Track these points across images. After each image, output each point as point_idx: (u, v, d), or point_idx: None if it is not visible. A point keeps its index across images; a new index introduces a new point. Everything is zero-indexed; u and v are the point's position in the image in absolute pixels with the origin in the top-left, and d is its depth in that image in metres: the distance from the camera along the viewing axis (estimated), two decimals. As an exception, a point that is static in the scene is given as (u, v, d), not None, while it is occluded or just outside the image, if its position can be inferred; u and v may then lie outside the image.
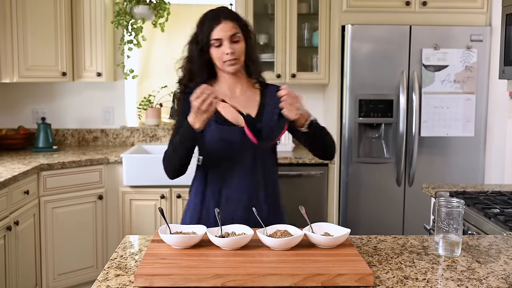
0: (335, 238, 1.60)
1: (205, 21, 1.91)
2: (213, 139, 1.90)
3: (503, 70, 2.55)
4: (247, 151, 1.91)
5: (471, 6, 3.65)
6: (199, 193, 1.98)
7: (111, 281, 1.44)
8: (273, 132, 1.89)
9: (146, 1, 3.91)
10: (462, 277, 1.48)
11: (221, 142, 1.90)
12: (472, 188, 2.72)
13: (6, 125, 4.15)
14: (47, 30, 3.70)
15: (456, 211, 1.63)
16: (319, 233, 1.66)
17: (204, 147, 1.94)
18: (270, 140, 1.91)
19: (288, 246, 1.58)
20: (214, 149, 1.92)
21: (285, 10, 3.89)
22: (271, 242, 1.58)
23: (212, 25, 1.88)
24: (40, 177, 3.36)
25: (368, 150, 3.67)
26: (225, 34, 1.87)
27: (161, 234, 1.61)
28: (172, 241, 1.59)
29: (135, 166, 3.59)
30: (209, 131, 1.90)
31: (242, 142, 1.89)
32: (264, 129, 1.90)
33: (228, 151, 1.91)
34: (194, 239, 1.60)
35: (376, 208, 3.67)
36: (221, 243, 1.58)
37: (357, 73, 3.58)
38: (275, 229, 1.68)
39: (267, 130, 1.91)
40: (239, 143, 1.89)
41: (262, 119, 1.93)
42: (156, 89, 4.35)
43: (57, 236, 3.43)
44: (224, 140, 1.90)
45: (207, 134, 1.90)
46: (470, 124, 3.64)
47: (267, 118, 1.93)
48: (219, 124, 1.90)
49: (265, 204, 1.95)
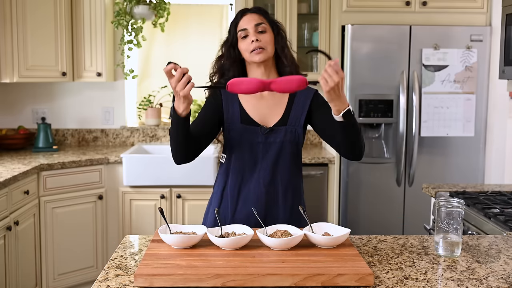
0: (335, 238, 1.60)
1: (234, 19, 1.97)
2: (236, 137, 1.92)
3: (503, 70, 2.55)
4: (269, 152, 1.91)
5: (471, 6, 3.65)
6: (219, 191, 1.99)
7: (111, 281, 1.44)
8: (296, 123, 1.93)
9: (146, 1, 3.91)
10: (462, 277, 1.48)
11: (244, 141, 1.91)
12: (472, 188, 2.72)
13: (6, 125, 4.15)
14: (47, 30, 3.70)
15: (456, 211, 1.63)
16: (319, 233, 1.66)
17: (228, 145, 1.95)
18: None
19: (288, 246, 1.58)
20: (237, 148, 1.92)
21: (285, 10, 3.89)
22: (271, 242, 1.58)
23: (238, 18, 1.94)
24: (40, 177, 3.36)
25: (368, 150, 3.66)
26: (250, 24, 1.91)
27: (161, 234, 1.61)
28: (172, 241, 1.59)
29: (135, 166, 3.59)
30: (233, 130, 1.92)
31: (264, 143, 1.90)
32: (288, 133, 1.91)
33: (251, 150, 1.91)
34: (194, 239, 1.60)
35: (376, 208, 3.67)
36: (221, 243, 1.58)
37: (357, 73, 3.59)
38: (275, 229, 1.68)
39: (290, 134, 1.91)
40: (262, 144, 1.90)
41: (287, 123, 1.92)
42: (156, 89, 4.35)
43: (57, 236, 3.43)
44: (247, 139, 1.91)
45: (232, 132, 1.92)
46: (470, 124, 3.64)
47: (291, 121, 1.93)
48: (243, 123, 1.91)
49: (284, 206, 1.93)
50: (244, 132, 1.91)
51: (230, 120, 1.93)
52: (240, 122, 1.92)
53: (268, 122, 1.93)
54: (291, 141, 1.92)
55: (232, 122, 1.92)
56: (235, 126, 1.92)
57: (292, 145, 1.93)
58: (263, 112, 1.94)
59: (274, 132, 1.91)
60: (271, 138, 1.91)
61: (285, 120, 1.93)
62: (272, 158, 1.91)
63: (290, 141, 1.92)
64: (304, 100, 1.95)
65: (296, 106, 1.95)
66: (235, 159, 1.94)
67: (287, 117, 1.93)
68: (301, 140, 1.95)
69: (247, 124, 1.91)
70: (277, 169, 1.92)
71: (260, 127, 1.91)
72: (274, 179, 1.92)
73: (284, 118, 1.93)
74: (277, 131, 1.91)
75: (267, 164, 1.91)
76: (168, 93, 4.32)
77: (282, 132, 1.91)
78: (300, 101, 1.95)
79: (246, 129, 1.91)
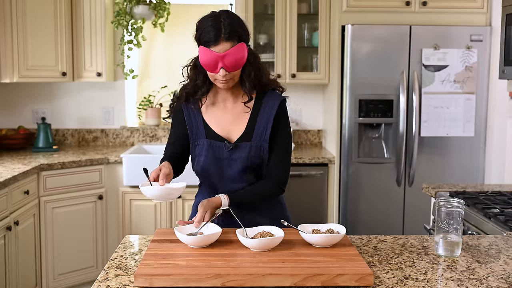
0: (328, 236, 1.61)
1: (202, 37, 1.76)
2: (202, 153, 1.88)
3: (503, 70, 2.55)
4: (235, 166, 1.87)
5: (471, 6, 3.65)
6: (197, 199, 2.03)
7: (111, 281, 1.44)
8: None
9: (146, 1, 3.92)
10: (462, 277, 1.48)
11: (209, 157, 1.87)
12: (472, 188, 2.72)
13: (6, 125, 4.14)
14: (47, 30, 3.70)
15: (456, 211, 1.63)
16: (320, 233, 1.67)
17: (195, 160, 1.91)
18: None
19: (268, 247, 1.58)
20: (204, 163, 1.89)
21: (285, 10, 3.89)
22: (250, 243, 1.58)
23: (208, 44, 1.74)
24: (40, 177, 3.36)
25: (368, 150, 3.67)
26: (219, 56, 1.73)
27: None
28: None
29: (135, 166, 3.58)
30: (199, 146, 1.89)
31: (229, 159, 1.86)
32: (253, 149, 1.86)
33: (216, 166, 1.88)
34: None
35: (376, 208, 3.67)
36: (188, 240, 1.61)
37: (357, 73, 3.58)
38: (256, 231, 1.67)
39: (255, 149, 1.86)
40: (227, 160, 1.87)
41: (252, 138, 1.87)
42: (156, 89, 4.35)
43: (57, 236, 3.43)
44: (212, 155, 1.87)
45: (198, 148, 1.89)
46: (470, 124, 3.64)
47: (256, 136, 1.87)
48: (207, 138, 1.88)
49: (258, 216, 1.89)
50: (209, 147, 1.87)
51: (195, 136, 1.90)
52: (205, 137, 1.88)
53: (232, 135, 1.88)
54: (256, 157, 1.87)
55: (197, 138, 1.88)
56: (200, 141, 1.88)
57: (257, 160, 1.87)
58: (226, 125, 1.89)
59: (238, 148, 1.85)
60: (236, 154, 1.86)
61: (249, 135, 1.87)
62: (236, 173, 1.87)
63: (255, 157, 1.87)
64: (269, 112, 1.87)
65: (261, 119, 1.87)
66: (203, 174, 1.92)
67: (251, 132, 1.87)
68: (267, 154, 1.88)
69: (213, 139, 1.87)
70: (242, 183, 1.88)
71: (224, 143, 1.86)
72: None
73: (248, 132, 1.87)
74: (242, 147, 1.85)
75: (233, 179, 1.88)
76: (168, 93, 4.33)
77: (247, 148, 1.85)
78: (265, 113, 1.87)
79: (211, 144, 1.87)
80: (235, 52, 1.74)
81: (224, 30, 1.72)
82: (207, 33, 1.74)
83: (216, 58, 1.73)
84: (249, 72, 1.83)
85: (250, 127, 1.88)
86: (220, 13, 1.78)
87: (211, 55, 1.73)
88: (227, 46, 1.73)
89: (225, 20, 1.75)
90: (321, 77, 3.95)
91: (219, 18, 1.75)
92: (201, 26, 1.78)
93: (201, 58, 1.77)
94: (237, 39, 1.74)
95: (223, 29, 1.73)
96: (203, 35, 1.75)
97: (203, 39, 1.75)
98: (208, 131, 1.89)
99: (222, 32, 1.72)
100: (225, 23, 1.74)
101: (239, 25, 1.78)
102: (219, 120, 1.90)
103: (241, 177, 1.88)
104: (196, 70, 1.87)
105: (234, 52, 1.74)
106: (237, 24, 1.77)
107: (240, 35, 1.76)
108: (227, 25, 1.74)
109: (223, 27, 1.73)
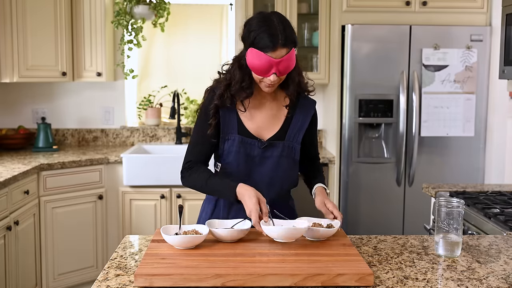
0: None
1: (256, 41, 1.73)
2: (233, 149, 1.87)
3: (503, 70, 2.55)
4: (264, 166, 1.87)
5: (471, 6, 3.65)
6: (212, 199, 1.96)
7: (111, 281, 1.45)
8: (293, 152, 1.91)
9: (146, 1, 3.91)
10: (462, 277, 1.48)
11: (240, 153, 1.86)
12: (472, 188, 2.72)
13: (6, 125, 4.14)
14: (47, 30, 3.70)
15: (456, 211, 1.63)
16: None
17: (223, 155, 1.89)
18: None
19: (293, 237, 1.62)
20: (232, 159, 1.87)
21: (285, 10, 3.89)
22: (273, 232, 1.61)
23: (266, 49, 1.72)
24: (40, 177, 3.36)
25: (368, 150, 3.67)
26: (275, 61, 1.73)
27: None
28: (174, 241, 1.59)
29: (135, 166, 3.59)
30: (230, 141, 1.87)
31: (261, 157, 1.87)
32: (285, 149, 1.88)
33: (246, 162, 1.87)
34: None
35: (376, 208, 3.67)
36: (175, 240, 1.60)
37: (357, 73, 3.58)
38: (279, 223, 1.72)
39: (288, 149, 1.88)
40: (259, 157, 1.87)
41: (285, 138, 1.89)
42: (156, 89, 4.35)
43: (57, 236, 3.43)
44: (244, 151, 1.86)
45: (228, 143, 1.87)
46: (470, 124, 3.64)
47: (290, 136, 1.89)
48: (240, 134, 1.87)
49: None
50: (241, 143, 1.86)
51: (227, 130, 1.88)
52: (237, 133, 1.87)
53: (265, 134, 1.89)
54: (288, 157, 1.89)
55: (229, 132, 1.87)
56: (232, 136, 1.87)
57: (288, 160, 1.90)
58: (260, 124, 1.89)
59: (271, 146, 1.87)
60: (268, 152, 1.87)
61: (283, 135, 1.89)
62: (267, 172, 1.88)
63: (287, 157, 1.89)
64: (304, 117, 1.92)
65: (296, 121, 1.91)
66: (230, 169, 1.89)
67: (285, 132, 1.89)
68: (298, 155, 1.92)
69: (244, 136, 1.87)
70: (271, 183, 1.89)
71: (258, 140, 1.86)
72: (267, 194, 1.82)
73: (282, 132, 1.89)
74: (275, 146, 1.87)
75: (261, 178, 1.87)
76: (168, 93, 4.32)
77: (279, 147, 1.88)
78: (300, 117, 1.91)
79: (243, 140, 1.87)
80: (289, 58, 1.74)
81: (281, 36, 1.72)
82: (262, 38, 1.72)
83: (271, 63, 1.72)
84: (294, 77, 1.85)
85: (284, 128, 1.90)
86: (273, 17, 1.77)
87: (266, 60, 1.72)
88: (283, 52, 1.72)
89: (279, 24, 1.74)
90: (321, 77, 3.95)
91: (273, 22, 1.74)
92: (253, 29, 1.75)
93: (253, 61, 1.75)
94: (292, 45, 1.75)
95: (279, 35, 1.72)
96: (258, 39, 1.73)
97: (258, 44, 1.73)
98: (241, 128, 1.88)
99: (279, 38, 1.71)
100: (279, 28, 1.73)
101: (292, 30, 1.78)
102: (254, 118, 1.89)
103: (268, 183, 1.87)
104: (242, 71, 1.82)
105: (288, 58, 1.74)
106: (291, 29, 1.77)
107: (295, 40, 1.76)
108: (283, 30, 1.73)
109: (280, 33, 1.72)
